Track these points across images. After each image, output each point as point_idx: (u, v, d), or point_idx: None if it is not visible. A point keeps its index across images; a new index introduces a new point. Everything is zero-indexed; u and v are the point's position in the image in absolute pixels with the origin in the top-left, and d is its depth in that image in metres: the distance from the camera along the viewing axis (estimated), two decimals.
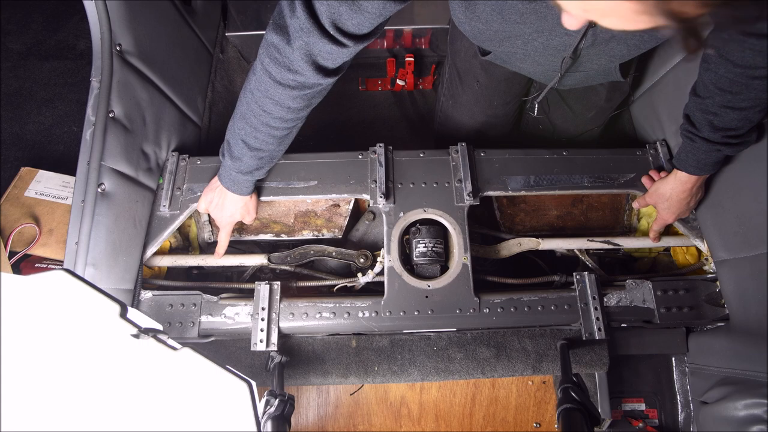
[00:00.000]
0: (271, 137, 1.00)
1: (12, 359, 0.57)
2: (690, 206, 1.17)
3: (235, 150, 1.04)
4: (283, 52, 0.84)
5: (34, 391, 0.59)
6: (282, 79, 0.88)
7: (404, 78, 2.06)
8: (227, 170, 1.09)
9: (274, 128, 0.98)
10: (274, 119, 0.96)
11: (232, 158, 1.06)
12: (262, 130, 0.99)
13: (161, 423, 0.70)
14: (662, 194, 1.15)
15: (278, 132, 1.00)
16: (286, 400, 1.03)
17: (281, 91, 0.90)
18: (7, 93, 2.02)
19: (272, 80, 0.89)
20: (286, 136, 1.03)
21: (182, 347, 0.73)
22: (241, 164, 1.06)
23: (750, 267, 1.05)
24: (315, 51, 0.83)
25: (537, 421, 1.37)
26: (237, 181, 1.09)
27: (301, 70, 0.86)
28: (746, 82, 0.88)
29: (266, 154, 1.05)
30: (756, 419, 0.96)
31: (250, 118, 0.97)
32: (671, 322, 1.16)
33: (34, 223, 1.47)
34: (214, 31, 1.77)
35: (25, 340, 0.60)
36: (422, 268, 1.17)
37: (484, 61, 1.22)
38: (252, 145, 1.02)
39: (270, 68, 0.88)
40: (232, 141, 1.04)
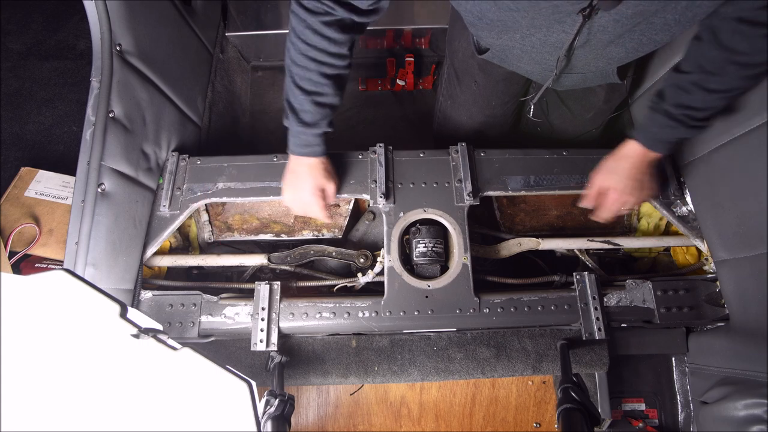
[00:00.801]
0: (322, 76, 1.00)
1: (12, 359, 0.57)
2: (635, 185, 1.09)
3: (294, 101, 1.03)
4: None
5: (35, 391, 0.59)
6: (314, 7, 0.93)
7: (404, 78, 2.06)
8: (293, 132, 1.07)
9: (322, 64, 0.99)
10: (319, 52, 0.97)
11: (293, 113, 1.04)
12: (312, 68, 0.99)
13: (161, 423, 0.70)
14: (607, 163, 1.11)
15: (327, 69, 1.00)
16: (286, 400, 1.03)
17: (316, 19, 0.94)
18: (7, 93, 2.02)
19: (306, 11, 0.94)
20: (335, 78, 1.02)
21: (182, 347, 0.73)
22: (303, 114, 1.04)
23: (750, 267, 1.05)
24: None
25: (537, 421, 1.37)
26: (305, 141, 1.07)
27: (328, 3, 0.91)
28: (724, 65, 0.89)
29: (324, 99, 1.03)
30: (756, 419, 0.96)
31: (298, 59, 0.99)
32: (671, 322, 1.16)
33: (34, 223, 1.47)
34: (214, 31, 1.77)
35: (25, 340, 0.60)
36: (422, 268, 1.17)
37: (481, 61, 1.22)
38: (307, 88, 1.01)
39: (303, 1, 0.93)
40: (289, 94, 1.04)
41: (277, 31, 1.93)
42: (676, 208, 1.23)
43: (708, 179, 1.15)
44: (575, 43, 0.90)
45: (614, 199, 1.10)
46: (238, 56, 1.99)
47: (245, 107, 2.03)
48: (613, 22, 0.83)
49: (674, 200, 1.23)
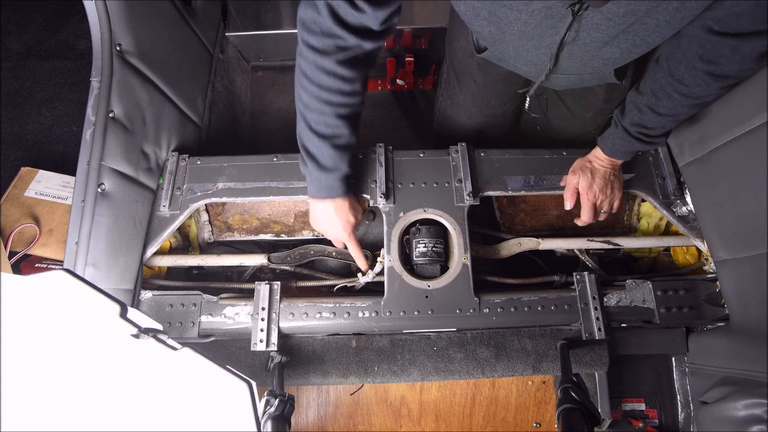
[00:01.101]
0: (338, 118, 0.97)
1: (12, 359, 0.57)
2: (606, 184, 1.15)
3: (311, 147, 1.00)
4: (316, 21, 0.87)
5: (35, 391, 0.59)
6: (324, 47, 0.90)
7: (404, 78, 2.06)
8: (313, 178, 1.04)
9: (337, 105, 0.96)
10: (333, 93, 0.95)
11: (312, 159, 1.01)
12: (327, 112, 0.96)
13: (161, 423, 0.70)
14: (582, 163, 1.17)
15: (342, 110, 0.97)
16: (286, 400, 1.03)
17: (328, 60, 0.91)
18: (7, 93, 2.02)
19: (316, 52, 0.90)
20: (350, 117, 1.00)
21: (182, 347, 0.73)
22: (323, 159, 1.01)
23: (750, 267, 1.05)
24: (340, 12, 0.85)
25: (537, 421, 1.37)
26: (327, 185, 1.04)
27: (338, 34, 0.88)
28: (670, 92, 0.96)
29: (341, 140, 1.00)
30: (756, 419, 0.95)
31: (312, 104, 0.96)
32: (671, 322, 1.16)
33: (34, 223, 1.47)
34: (214, 31, 1.77)
35: (25, 340, 0.60)
36: (422, 268, 1.17)
37: (481, 61, 1.22)
38: (324, 132, 0.98)
39: (310, 41, 0.90)
40: (305, 140, 1.01)
41: (277, 31, 1.94)
42: (676, 208, 1.23)
43: (708, 179, 1.15)
44: (565, 39, 0.90)
45: (587, 197, 1.15)
46: (238, 56, 1.99)
47: (245, 107, 2.03)
48: (606, 20, 0.83)
49: (674, 200, 1.23)
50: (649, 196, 1.24)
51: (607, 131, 1.13)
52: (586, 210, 1.16)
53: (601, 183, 1.15)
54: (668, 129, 1.06)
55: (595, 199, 1.15)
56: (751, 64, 0.86)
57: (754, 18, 0.78)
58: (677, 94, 0.96)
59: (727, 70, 0.88)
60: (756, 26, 0.79)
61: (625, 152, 1.11)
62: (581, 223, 1.19)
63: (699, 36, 0.86)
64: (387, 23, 0.90)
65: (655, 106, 1.01)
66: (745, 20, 0.79)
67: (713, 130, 1.09)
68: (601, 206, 1.17)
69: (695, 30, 0.86)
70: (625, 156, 1.13)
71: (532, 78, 1.23)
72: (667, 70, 0.96)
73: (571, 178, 1.18)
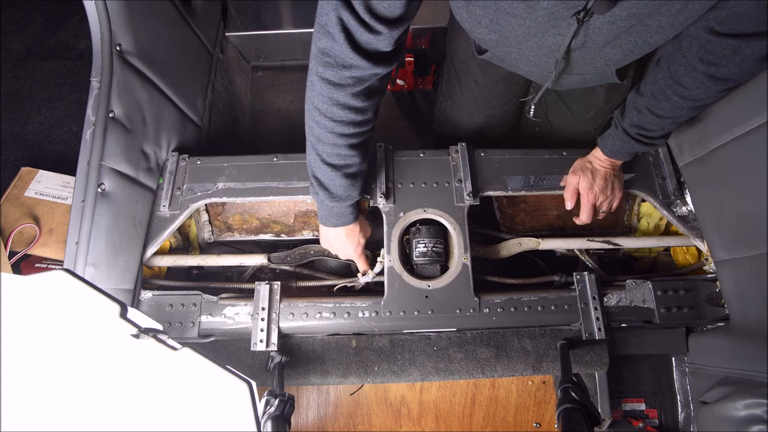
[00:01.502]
0: (350, 148, 0.98)
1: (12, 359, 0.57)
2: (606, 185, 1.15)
3: (323, 178, 1.01)
4: (332, 53, 0.85)
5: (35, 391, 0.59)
6: (340, 80, 0.88)
7: (404, 78, 2.06)
8: (324, 207, 1.06)
9: (349, 136, 0.96)
10: (346, 126, 0.94)
11: (324, 189, 1.02)
12: (340, 144, 0.96)
13: (161, 423, 0.70)
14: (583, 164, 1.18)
15: (354, 140, 0.98)
16: (286, 400, 1.03)
17: (343, 93, 0.90)
18: (7, 93, 2.02)
19: (332, 85, 0.89)
20: (362, 144, 1.01)
21: (182, 347, 0.73)
22: (335, 189, 1.02)
23: (750, 267, 1.05)
24: (356, 36, 0.84)
25: (537, 421, 1.37)
26: (338, 212, 1.06)
27: (354, 63, 0.86)
28: (670, 95, 0.97)
29: (353, 170, 1.02)
30: (756, 419, 0.96)
31: (324, 136, 0.96)
32: (671, 322, 1.16)
33: (34, 223, 1.47)
34: (214, 31, 1.77)
35: (25, 340, 0.60)
36: (422, 268, 1.17)
37: (481, 61, 1.22)
38: (336, 163, 0.99)
39: (326, 75, 0.88)
40: (317, 171, 1.01)
41: (277, 31, 1.94)
42: (676, 208, 1.23)
43: (708, 179, 1.15)
44: (572, 45, 0.90)
45: (587, 198, 1.16)
46: (238, 56, 1.99)
47: (245, 107, 2.03)
48: (608, 24, 0.83)
49: (674, 200, 1.23)
50: (649, 196, 1.24)
51: (606, 132, 1.14)
52: (585, 210, 1.17)
53: (602, 183, 1.15)
54: (667, 131, 1.06)
55: (595, 200, 1.16)
56: (751, 67, 0.86)
57: (756, 19, 0.78)
58: (676, 96, 0.96)
59: (727, 73, 0.88)
60: (758, 27, 0.79)
61: (625, 153, 1.12)
62: (580, 222, 1.19)
63: (700, 37, 0.86)
64: (398, 42, 0.89)
65: (654, 108, 1.01)
66: (747, 21, 0.79)
67: (713, 130, 1.09)
68: (601, 206, 1.18)
69: (696, 31, 0.86)
70: (625, 157, 1.13)
71: (534, 79, 1.23)
72: (666, 72, 0.96)
73: (571, 178, 1.18)
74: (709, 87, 0.92)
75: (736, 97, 1.00)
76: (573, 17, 0.81)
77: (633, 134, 1.07)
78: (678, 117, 1.01)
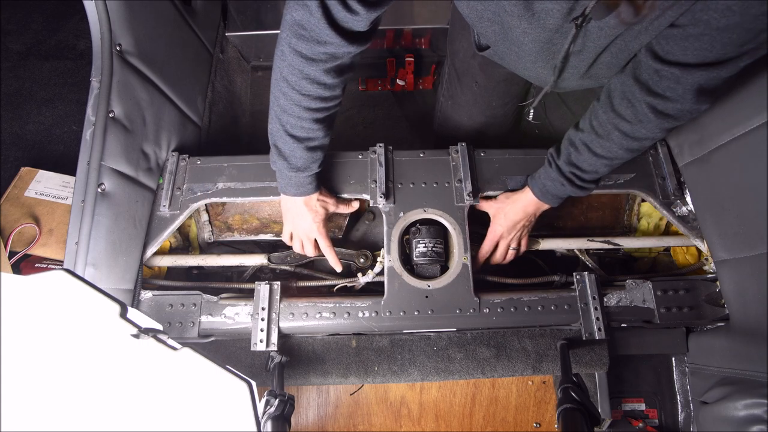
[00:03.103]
0: (314, 122, 0.98)
1: (12, 359, 0.57)
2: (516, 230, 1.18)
3: (284, 148, 1.02)
4: (307, 26, 0.85)
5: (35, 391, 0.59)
6: (313, 54, 0.88)
7: (404, 78, 2.06)
8: (284, 176, 1.07)
9: (315, 110, 0.97)
10: (314, 100, 0.95)
11: (283, 159, 1.03)
12: (305, 117, 0.97)
13: (161, 423, 0.70)
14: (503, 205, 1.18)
15: (320, 114, 0.98)
16: (286, 400, 1.03)
17: (314, 68, 0.90)
18: (7, 93, 2.02)
19: (304, 59, 0.89)
20: (327, 119, 1.01)
21: (182, 347, 0.73)
22: (294, 160, 1.03)
23: (750, 267, 1.05)
24: (333, 13, 0.84)
25: (537, 421, 1.37)
26: (297, 182, 1.07)
27: (329, 40, 0.86)
28: (610, 129, 0.96)
29: (315, 143, 1.02)
30: (756, 419, 0.96)
31: (289, 108, 0.96)
32: (671, 322, 1.16)
33: (34, 223, 1.47)
34: (214, 31, 1.77)
35: (25, 340, 0.60)
36: (422, 268, 1.17)
37: (482, 61, 1.22)
38: (299, 135, 0.99)
39: (299, 47, 0.88)
40: (278, 141, 1.02)
41: (277, 31, 1.92)
42: (676, 208, 1.23)
43: (708, 179, 1.15)
44: (571, 49, 0.90)
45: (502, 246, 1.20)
46: (238, 56, 1.99)
47: (245, 107, 2.04)
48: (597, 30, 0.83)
49: (674, 200, 1.23)
50: (649, 196, 1.24)
51: (538, 171, 1.13)
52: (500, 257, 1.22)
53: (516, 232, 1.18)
54: (599, 175, 1.06)
55: (487, 248, 1.20)
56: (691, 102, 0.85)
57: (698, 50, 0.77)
58: (617, 131, 0.95)
59: (670, 108, 0.87)
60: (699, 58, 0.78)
61: (554, 196, 1.10)
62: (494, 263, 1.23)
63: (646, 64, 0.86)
64: (374, 23, 0.90)
65: (592, 145, 1.00)
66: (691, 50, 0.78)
67: (713, 130, 1.09)
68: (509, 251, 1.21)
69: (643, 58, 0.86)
70: (553, 200, 1.12)
71: (533, 81, 1.23)
72: (609, 106, 0.95)
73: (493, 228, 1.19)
74: (651, 121, 0.90)
75: (735, 97, 1.00)
76: (571, 22, 0.81)
77: (567, 173, 1.05)
78: (614, 158, 1.00)
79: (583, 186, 1.07)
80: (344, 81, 0.98)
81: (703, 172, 1.17)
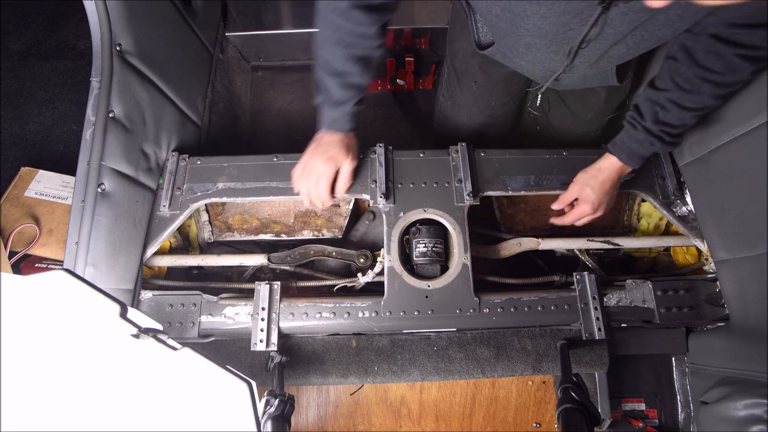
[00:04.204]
0: (350, 58, 1.01)
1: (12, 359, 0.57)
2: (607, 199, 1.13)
3: (322, 82, 1.06)
4: None
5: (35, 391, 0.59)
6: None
7: (404, 78, 2.06)
8: (323, 109, 1.10)
9: (348, 45, 0.99)
10: (346, 34, 0.98)
11: (322, 92, 1.07)
12: (336, 53, 1.00)
13: (161, 423, 0.70)
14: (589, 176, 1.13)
15: (357, 51, 1.00)
16: (286, 400, 1.03)
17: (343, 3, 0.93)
18: (7, 93, 2.02)
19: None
20: (363, 60, 1.03)
21: (182, 347, 0.73)
22: (330, 94, 1.06)
23: (750, 267, 1.05)
24: None
25: (537, 421, 1.37)
26: (334, 117, 1.10)
27: None
28: (699, 83, 0.94)
29: (351, 79, 1.04)
30: (756, 419, 0.96)
31: (325, 42, 1.00)
32: (671, 322, 1.16)
33: (34, 223, 1.47)
34: (214, 31, 1.77)
35: (25, 340, 0.60)
36: (422, 268, 1.17)
37: (482, 61, 1.22)
38: (336, 68, 1.02)
39: None
40: (319, 74, 1.06)
41: (277, 31, 1.94)
42: (676, 208, 1.23)
43: (708, 179, 1.15)
44: (589, 35, 0.89)
45: (583, 211, 1.14)
46: (238, 56, 1.99)
47: (245, 107, 2.03)
48: (621, 15, 0.82)
49: (674, 200, 1.23)
50: (649, 196, 1.24)
51: (619, 137, 1.10)
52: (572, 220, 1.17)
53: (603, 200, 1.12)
54: (688, 127, 1.04)
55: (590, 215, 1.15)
56: None
57: None
58: (708, 83, 0.93)
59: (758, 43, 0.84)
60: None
61: (643, 157, 1.08)
62: (556, 221, 1.20)
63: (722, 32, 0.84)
64: None
65: (680, 100, 0.98)
66: None
67: (713, 130, 1.09)
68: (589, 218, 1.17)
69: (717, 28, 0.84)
70: (640, 162, 1.09)
71: (535, 77, 1.23)
72: (692, 62, 0.93)
73: (576, 190, 1.15)
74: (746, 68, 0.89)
75: (736, 98, 1.00)
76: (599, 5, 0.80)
77: (656, 132, 1.03)
78: (705, 107, 0.98)
79: (673, 141, 1.05)
80: (378, 20, 0.99)
81: (703, 172, 1.17)
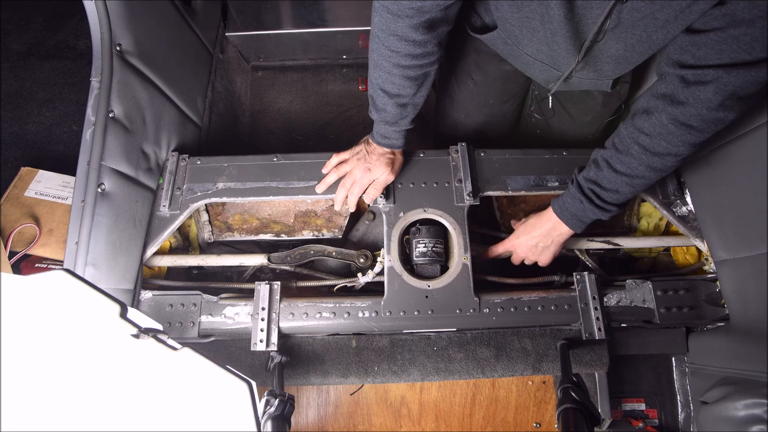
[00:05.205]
0: (405, 79, 0.99)
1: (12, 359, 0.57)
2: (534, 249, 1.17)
3: (378, 101, 1.06)
4: None
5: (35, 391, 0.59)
6: (399, 10, 0.88)
7: None
8: (376, 124, 1.11)
9: (406, 68, 0.97)
10: (403, 57, 0.95)
11: (377, 110, 1.07)
12: (395, 73, 0.98)
13: (161, 423, 0.70)
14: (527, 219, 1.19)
15: (411, 72, 0.98)
16: (286, 400, 1.03)
17: (402, 24, 0.90)
18: (7, 93, 2.02)
19: (390, 14, 0.89)
20: (420, 78, 1.01)
21: (182, 347, 0.73)
22: (385, 114, 1.06)
23: (750, 267, 1.05)
24: None
25: (537, 421, 1.37)
26: (386, 133, 1.11)
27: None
28: (630, 144, 0.94)
29: (406, 100, 1.04)
30: (756, 419, 0.96)
31: (381, 63, 0.98)
32: (671, 322, 1.16)
33: (34, 223, 1.47)
34: (214, 31, 1.77)
35: (25, 340, 0.60)
36: (422, 268, 1.17)
37: (477, 59, 1.22)
38: (390, 91, 1.02)
39: (386, 2, 0.89)
40: (373, 93, 1.06)
41: (277, 31, 1.94)
42: (676, 208, 1.23)
43: (708, 179, 1.15)
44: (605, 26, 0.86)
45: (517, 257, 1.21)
46: (238, 56, 1.99)
47: (245, 107, 2.04)
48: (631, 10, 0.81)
49: (674, 200, 1.23)
50: (649, 196, 1.24)
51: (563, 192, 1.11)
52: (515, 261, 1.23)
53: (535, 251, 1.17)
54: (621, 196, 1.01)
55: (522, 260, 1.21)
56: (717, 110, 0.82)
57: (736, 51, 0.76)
58: (636, 145, 0.93)
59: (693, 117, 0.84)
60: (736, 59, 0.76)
61: (573, 215, 1.07)
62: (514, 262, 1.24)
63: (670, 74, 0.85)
64: None
65: (612, 160, 0.98)
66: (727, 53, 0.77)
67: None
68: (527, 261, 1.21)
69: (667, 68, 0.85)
70: (572, 221, 1.08)
71: (534, 77, 1.22)
72: (630, 122, 0.95)
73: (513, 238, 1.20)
74: (672, 133, 0.88)
75: None
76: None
77: (586, 189, 1.03)
78: (635, 175, 0.96)
79: (604, 207, 1.02)
80: (438, 36, 0.96)
81: (703, 172, 1.17)
